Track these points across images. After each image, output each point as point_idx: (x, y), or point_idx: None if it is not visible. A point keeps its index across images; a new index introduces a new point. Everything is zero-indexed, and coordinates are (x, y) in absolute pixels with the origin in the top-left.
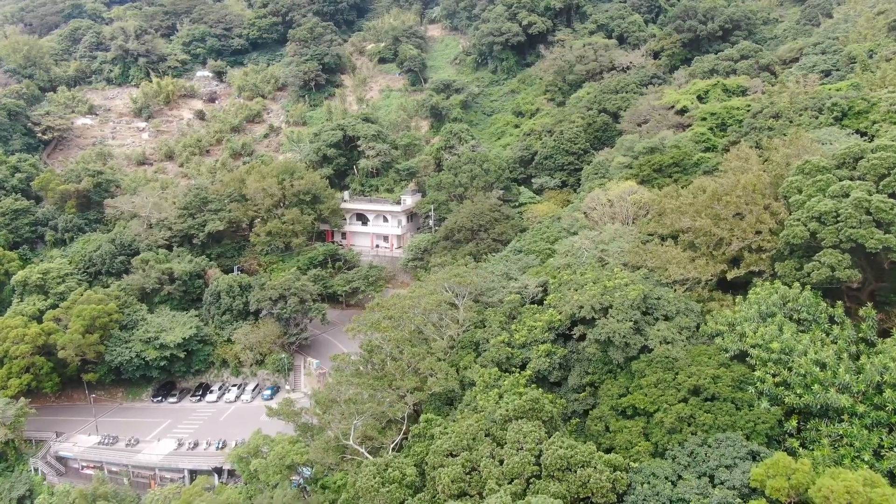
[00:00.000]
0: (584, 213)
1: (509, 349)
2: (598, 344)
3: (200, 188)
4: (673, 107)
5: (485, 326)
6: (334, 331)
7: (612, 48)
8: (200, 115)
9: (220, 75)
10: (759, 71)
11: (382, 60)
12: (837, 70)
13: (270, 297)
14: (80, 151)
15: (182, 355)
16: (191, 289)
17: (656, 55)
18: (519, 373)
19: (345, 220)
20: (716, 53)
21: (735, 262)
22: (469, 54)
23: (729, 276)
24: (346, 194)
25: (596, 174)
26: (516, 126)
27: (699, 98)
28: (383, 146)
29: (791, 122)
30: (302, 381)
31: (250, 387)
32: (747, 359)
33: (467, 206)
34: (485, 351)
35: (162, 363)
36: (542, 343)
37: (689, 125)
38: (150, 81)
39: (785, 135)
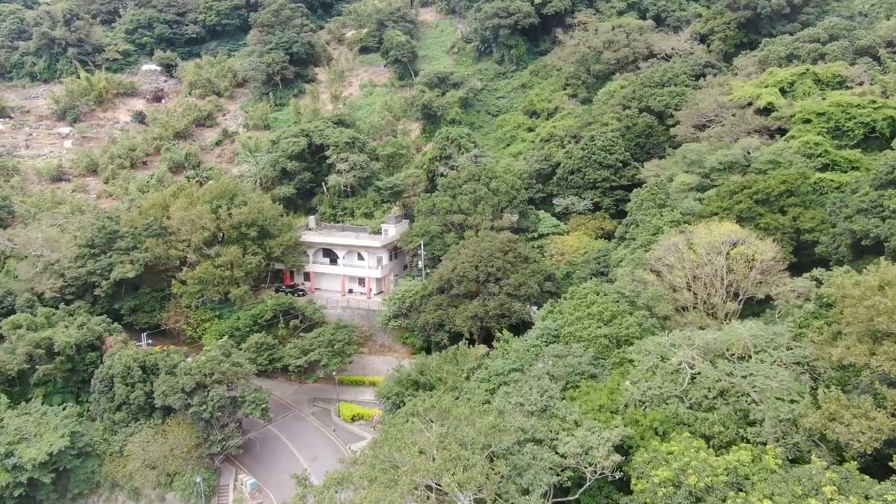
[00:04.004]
0: (656, 272)
1: None
2: None
3: (112, 217)
4: (751, 103)
5: None
6: (285, 421)
7: (647, 31)
8: (140, 118)
9: (169, 69)
10: (855, 56)
11: (364, 50)
12: None
13: (183, 388)
14: None
15: (48, 480)
16: (80, 366)
17: (703, 39)
18: None
19: (307, 256)
20: (792, 35)
21: None
22: (469, 41)
23: None
24: (311, 220)
25: (653, 202)
26: (530, 129)
27: (781, 91)
28: (359, 157)
29: None
30: None
31: None
32: None
33: (470, 244)
34: None
35: (18, 491)
36: None
37: (782, 130)
38: (79, 77)
39: None
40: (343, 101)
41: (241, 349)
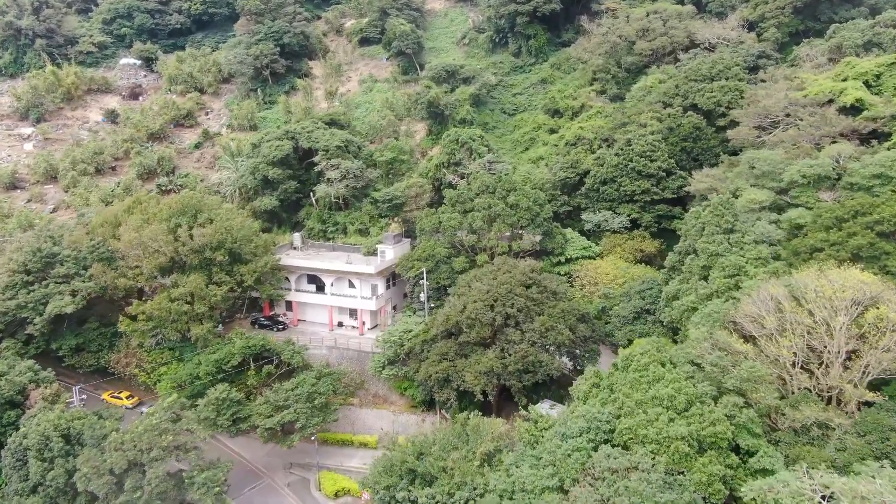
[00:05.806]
0: (747, 336)
1: None
2: None
3: (53, 236)
4: (831, 100)
5: None
6: (253, 495)
7: (687, 18)
8: (113, 117)
9: (149, 63)
10: None
11: (365, 41)
12: None
13: (112, 469)
14: None
15: None
16: None
17: (752, 27)
18: None
19: (289, 282)
20: (867, 20)
21: None
22: (482, 31)
23: None
24: (296, 238)
25: (718, 225)
26: (552, 131)
27: (866, 85)
28: (353, 164)
29: None
30: None
31: None
32: None
33: (483, 276)
34: None
35: None
36: None
37: (876, 133)
38: (45, 71)
39: None
40: (339, 98)
41: (197, 406)
